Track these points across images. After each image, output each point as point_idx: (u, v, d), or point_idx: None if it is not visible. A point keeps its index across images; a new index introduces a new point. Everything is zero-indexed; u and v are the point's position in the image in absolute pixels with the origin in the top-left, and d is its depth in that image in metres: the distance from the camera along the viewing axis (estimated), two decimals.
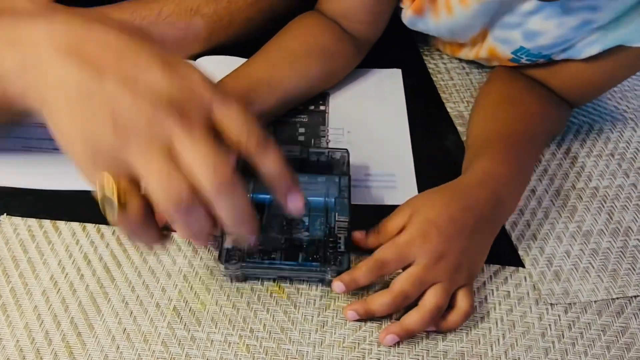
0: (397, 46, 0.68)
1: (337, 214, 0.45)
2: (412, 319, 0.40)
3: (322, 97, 0.60)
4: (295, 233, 0.44)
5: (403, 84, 0.63)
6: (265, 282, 0.45)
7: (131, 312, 0.42)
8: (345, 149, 0.49)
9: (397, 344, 0.41)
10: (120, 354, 0.40)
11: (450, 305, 0.42)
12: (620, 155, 0.56)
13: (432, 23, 0.57)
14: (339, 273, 0.42)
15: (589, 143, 0.57)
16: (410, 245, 0.41)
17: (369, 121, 0.58)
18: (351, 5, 0.57)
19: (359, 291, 0.44)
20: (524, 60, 0.54)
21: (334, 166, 0.49)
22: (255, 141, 0.31)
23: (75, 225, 0.48)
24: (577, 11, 0.46)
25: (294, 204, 0.34)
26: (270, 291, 0.44)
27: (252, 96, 0.50)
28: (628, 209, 0.51)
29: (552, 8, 0.47)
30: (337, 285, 0.42)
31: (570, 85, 0.54)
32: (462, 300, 0.42)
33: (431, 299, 0.41)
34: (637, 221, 0.50)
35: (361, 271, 0.41)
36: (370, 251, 0.43)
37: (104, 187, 0.29)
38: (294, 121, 0.58)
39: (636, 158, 0.56)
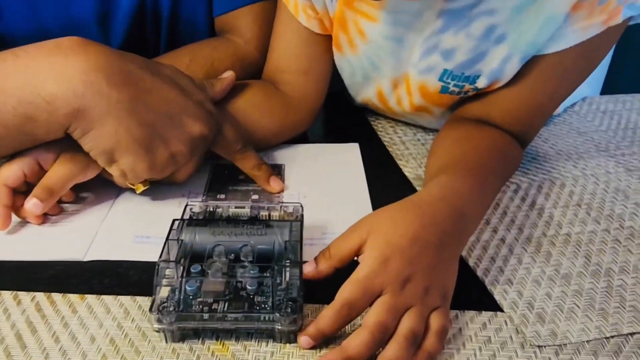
0: (353, 125, 0.69)
1: (287, 258, 0.40)
2: (391, 349, 0.35)
3: (277, 167, 0.58)
4: (241, 279, 0.39)
5: (361, 156, 0.62)
6: (206, 341, 0.38)
7: None
8: (299, 203, 0.46)
9: None
10: None
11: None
12: (587, 205, 0.54)
13: (353, 59, 0.58)
14: (291, 323, 0.36)
15: (554, 196, 0.55)
16: (373, 277, 0.36)
17: (327, 186, 0.56)
18: (284, 55, 0.59)
19: (322, 346, 0.37)
20: (452, 87, 0.54)
21: (286, 221, 0.45)
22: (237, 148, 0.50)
23: None
24: (477, 17, 0.47)
25: (276, 184, 0.54)
26: (212, 350, 0.37)
27: None
28: (605, 252, 0.48)
29: (456, 21, 0.48)
30: (304, 340, 0.36)
31: (511, 115, 0.54)
32: (435, 321, 0.36)
33: (405, 324, 0.35)
34: (617, 262, 0.46)
35: (327, 319, 0.36)
36: (329, 294, 0.37)
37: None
38: (247, 189, 0.55)
39: (603, 207, 0.54)
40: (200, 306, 0.37)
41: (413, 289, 0.36)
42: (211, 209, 0.45)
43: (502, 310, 0.41)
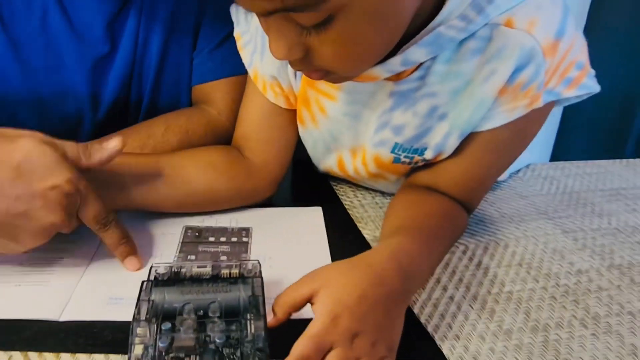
0: (316, 189, 0.74)
1: (252, 312, 0.43)
2: None
3: (245, 230, 0.62)
4: (210, 333, 0.42)
5: (324, 219, 0.66)
6: None
7: None
8: (257, 260, 0.50)
9: None
10: None
11: None
12: (527, 264, 0.60)
13: (315, 132, 0.63)
14: None
15: (498, 256, 0.61)
16: (325, 334, 0.40)
17: (291, 248, 0.60)
18: (250, 123, 0.65)
19: None
20: (403, 158, 0.60)
21: (248, 278, 0.48)
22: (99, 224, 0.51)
23: None
24: (422, 98, 0.54)
25: (131, 264, 0.54)
26: None
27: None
28: (543, 308, 0.53)
29: (404, 101, 0.55)
30: None
31: (454, 183, 0.60)
32: None
33: None
34: (553, 318, 0.51)
35: None
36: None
37: None
38: (216, 251, 0.59)
39: (542, 267, 0.59)
40: None
41: (361, 343, 0.40)
42: (176, 270, 0.48)
43: None
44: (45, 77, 0.66)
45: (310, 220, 0.66)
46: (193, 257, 0.57)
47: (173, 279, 0.47)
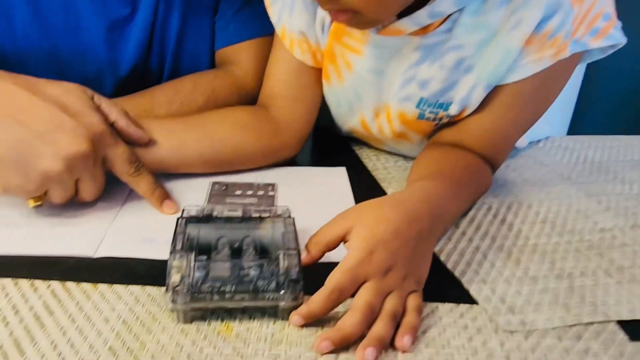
0: (339, 153, 0.74)
1: (285, 246, 0.44)
2: (379, 326, 0.40)
3: (271, 185, 0.63)
4: (245, 265, 0.43)
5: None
6: (212, 323, 0.42)
7: (60, 354, 0.38)
8: (286, 206, 0.50)
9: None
10: None
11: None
12: (551, 222, 0.60)
13: (339, 89, 0.64)
14: (293, 300, 0.41)
15: (521, 214, 0.61)
16: (359, 266, 0.41)
17: (318, 205, 0.60)
18: (278, 82, 0.66)
19: (318, 326, 0.41)
20: (427, 114, 0.60)
21: (279, 217, 0.49)
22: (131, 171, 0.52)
23: (7, 280, 0.45)
24: (448, 52, 0.55)
25: (168, 207, 0.55)
26: (217, 331, 0.41)
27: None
28: (567, 259, 0.53)
29: (431, 54, 0.56)
30: (295, 319, 0.40)
31: (480, 139, 0.60)
32: (412, 301, 0.42)
33: (388, 305, 0.41)
34: (577, 267, 0.52)
35: (318, 302, 0.40)
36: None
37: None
38: (243, 203, 0.60)
39: (566, 224, 0.60)
40: (210, 288, 0.41)
41: (394, 276, 0.42)
42: (208, 211, 0.49)
43: (477, 304, 0.46)
44: (64, 37, 0.67)
45: (335, 179, 0.66)
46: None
47: (207, 217, 0.48)
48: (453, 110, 0.59)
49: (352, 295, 0.41)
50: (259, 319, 0.42)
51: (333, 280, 0.41)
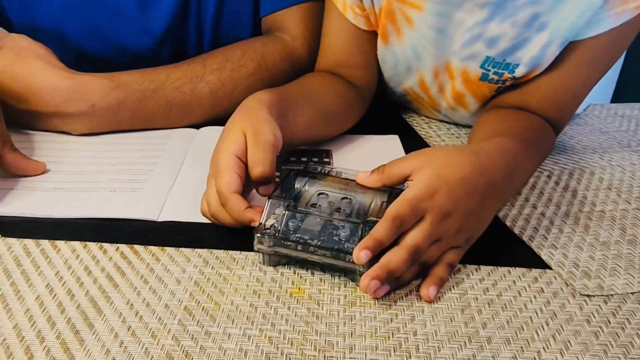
0: (389, 122, 0.73)
1: (380, 215, 0.41)
2: (409, 273, 0.40)
3: (326, 153, 0.62)
4: (337, 223, 0.42)
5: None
6: (283, 285, 0.41)
7: (137, 313, 0.38)
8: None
9: (436, 339, 0.37)
10: (125, 349, 0.35)
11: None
12: (616, 188, 0.58)
13: (398, 49, 0.62)
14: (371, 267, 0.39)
15: (585, 181, 0.59)
16: (420, 200, 0.40)
17: None
18: (340, 51, 0.64)
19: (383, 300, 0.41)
20: (492, 75, 0.58)
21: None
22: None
23: (76, 243, 0.45)
24: (523, 7, 0.52)
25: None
26: (290, 292, 0.41)
27: (287, 115, 0.53)
28: (638, 225, 0.51)
29: (503, 11, 0.53)
30: (363, 253, 0.38)
31: (547, 100, 0.58)
32: (449, 256, 0.42)
33: (430, 251, 0.41)
34: None
35: (381, 230, 0.39)
36: None
37: None
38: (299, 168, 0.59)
39: (632, 191, 0.58)
40: (297, 239, 0.41)
41: (449, 224, 0.41)
42: (319, 169, 0.48)
43: (550, 268, 0.45)
44: (98, 3, 0.67)
45: (389, 146, 0.65)
46: (277, 173, 0.57)
47: (317, 172, 0.48)
48: (519, 72, 0.57)
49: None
50: (333, 281, 0.42)
51: (394, 209, 0.39)
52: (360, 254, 0.38)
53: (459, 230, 0.42)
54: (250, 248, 0.42)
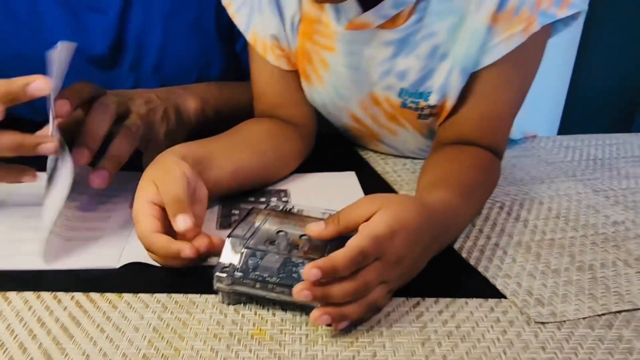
0: (345, 159, 0.74)
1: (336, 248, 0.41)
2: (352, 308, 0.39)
3: (283, 191, 0.63)
4: (295, 260, 0.42)
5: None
6: (244, 327, 0.41)
7: None
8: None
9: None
10: None
11: None
12: (564, 217, 0.61)
13: (321, 89, 0.65)
14: None
15: (535, 211, 0.62)
16: (383, 239, 0.40)
17: (332, 209, 0.59)
18: (272, 94, 0.66)
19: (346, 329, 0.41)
20: (409, 103, 0.61)
21: None
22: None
23: (29, 294, 0.43)
24: (422, 41, 0.56)
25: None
26: (251, 334, 0.40)
27: (209, 163, 0.53)
28: (586, 252, 0.54)
29: (406, 46, 0.57)
30: (314, 271, 0.36)
31: (478, 128, 0.61)
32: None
33: (373, 294, 0.40)
34: (597, 260, 0.52)
35: (342, 259, 0.37)
36: None
37: None
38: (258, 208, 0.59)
39: (579, 219, 0.60)
40: (256, 277, 0.41)
41: (397, 269, 0.42)
42: (283, 208, 0.50)
43: (505, 297, 0.46)
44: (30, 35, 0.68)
45: (345, 184, 0.66)
46: (236, 211, 0.58)
47: (277, 210, 0.48)
48: (433, 99, 0.60)
49: None
50: (294, 320, 0.42)
51: (360, 243, 0.38)
52: (311, 270, 0.36)
53: (402, 275, 0.43)
54: (210, 290, 0.42)
